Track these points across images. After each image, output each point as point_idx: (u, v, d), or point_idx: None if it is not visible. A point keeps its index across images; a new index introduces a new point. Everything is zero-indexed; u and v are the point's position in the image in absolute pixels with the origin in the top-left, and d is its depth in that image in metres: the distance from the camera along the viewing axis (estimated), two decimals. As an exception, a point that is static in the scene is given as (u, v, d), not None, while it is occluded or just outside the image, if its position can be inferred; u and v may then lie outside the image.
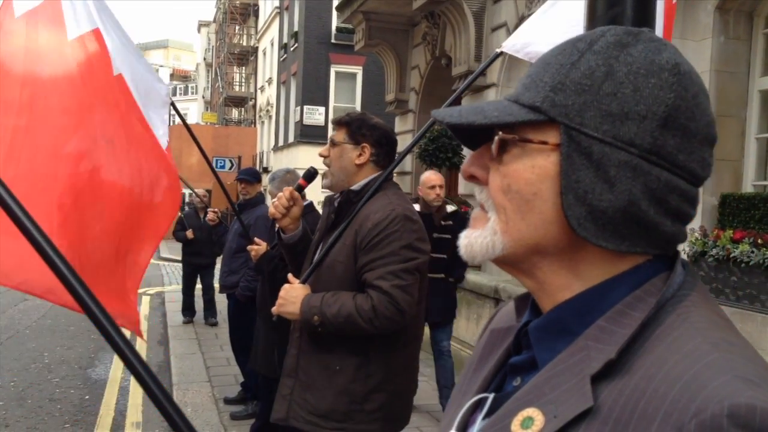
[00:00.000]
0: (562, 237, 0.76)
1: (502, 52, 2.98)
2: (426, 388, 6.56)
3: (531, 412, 0.72)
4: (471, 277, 7.16)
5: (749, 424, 0.59)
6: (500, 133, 0.77)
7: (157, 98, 3.52)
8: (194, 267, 9.97)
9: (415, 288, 2.58)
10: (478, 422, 0.82)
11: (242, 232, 6.05)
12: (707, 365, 0.64)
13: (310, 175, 2.96)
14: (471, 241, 0.81)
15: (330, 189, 2.84)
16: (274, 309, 2.70)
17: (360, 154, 2.75)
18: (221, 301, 8.55)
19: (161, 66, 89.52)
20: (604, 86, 0.74)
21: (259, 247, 4.29)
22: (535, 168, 0.76)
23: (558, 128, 0.75)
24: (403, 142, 13.19)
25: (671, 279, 0.74)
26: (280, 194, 2.86)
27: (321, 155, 2.81)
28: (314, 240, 2.90)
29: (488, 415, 0.80)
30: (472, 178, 0.83)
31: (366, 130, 2.77)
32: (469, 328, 7.21)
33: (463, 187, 10.58)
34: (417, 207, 4.85)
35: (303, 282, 2.69)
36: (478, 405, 0.85)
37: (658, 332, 0.70)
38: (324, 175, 2.83)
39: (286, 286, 2.68)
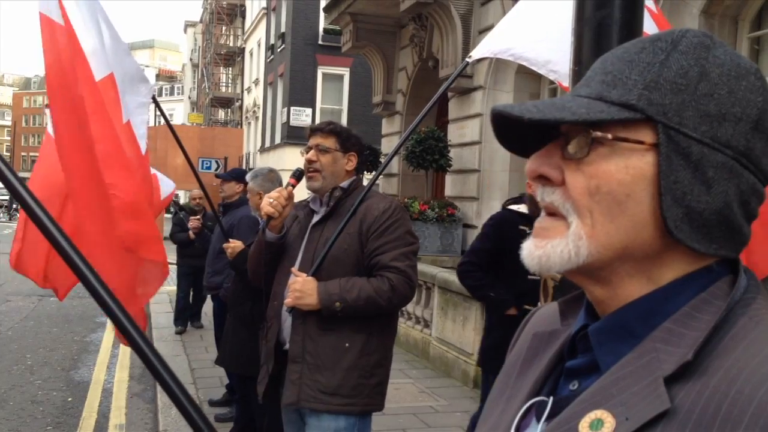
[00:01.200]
0: (652, 240, 0.74)
1: (469, 61, 3.17)
2: (411, 390, 6.56)
3: (600, 414, 0.71)
4: (457, 280, 7.16)
5: None
6: (596, 132, 0.73)
7: (138, 98, 3.54)
8: (195, 269, 8.93)
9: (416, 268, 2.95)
10: (537, 426, 0.80)
11: (226, 232, 6.02)
12: None
13: (300, 173, 3.08)
14: (546, 251, 0.76)
15: (318, 192, 3.02)
16: (288, 301, 2.83)
17: (348, 161, 3.06)
18: (206, 303, 8.55)
19: (147, 66, 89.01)
20: (700, 87, 0.72)
21: (235, 245, 4.32)
22: (629, 168, 0.73)
23: (653, 127, 0.73)
24: (389, 144, 13.20)
25: (738, 282, 0.74)
26: (276, 193, 2.95)
27: (309, 160, 2.99)
28: (296, 237, 3.06)
29: (549, 418, 0.78)
30: (540, 178, 0.78)
31: (354, 140, 3.09)
32: (455, 330, 7.21)
33: (450, 189, 10.60)
34: (523, 208, 4.31)
35: (312, 274, 2.85)
36: (529, 409, 0.83)
37: (731, 334, 0.69)
38: (312, 179, 2.99)
39: (298, 279, 2.82)
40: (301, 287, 2.79)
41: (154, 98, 3.75)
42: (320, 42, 25.31)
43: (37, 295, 12.38)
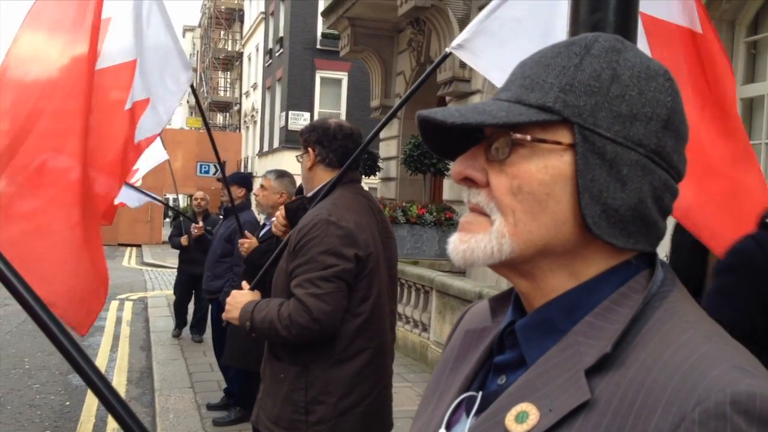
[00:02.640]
0: (572, 236, 0.77)
1: (451, 53, 2.89)
2: (409, 394, 6.56)
3: (525, 406, 0.73)
4: (456, 282, 7.17)
5: (750, 410, 0.62)
6: (515, 134, 0.76)
7: (173, 85, 3.58)
8: (189, 276, 8.77)
9: (337, 297, 2.49)
10: (466, 420, 0.82)
11: (227, 237, 6.02)
12: (703, 356, 0.67)
13: (300, 191, 3.08)
14: (471, 246, 0.79)
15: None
16: (223, 314, 2.76)
17: (308, 159, 2.78)
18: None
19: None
20: (612, 88, 0.76)
21: (251, 241, 4.31)
22: (548, 168, 0.76)
23: (569, 128, 0.76)
24: (387, 148, 13.21)
25: (655, 276, 0.77)
26: (278, 215, 2.97)
27: None
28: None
29: (478, 413, 0.81)
30: (465, 180, 0.81)
31: (307, 133, 2.79)
32: (453, 334, 7.22)
33: (447, 193, 10.61)
34: None
35: (252, 288, 2.75)
36: (459, 404, 0.86)
37: (648, 326, 0.72)
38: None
39: (234, 292, 2.75)
40: (231, 299, 2.71)
41: (192, 87, 3.76)
42: (318, 46, 25.38)
43: (35, 299, 12.36)
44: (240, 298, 2.69)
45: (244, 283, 2.81)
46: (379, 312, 2.67)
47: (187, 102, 61.16)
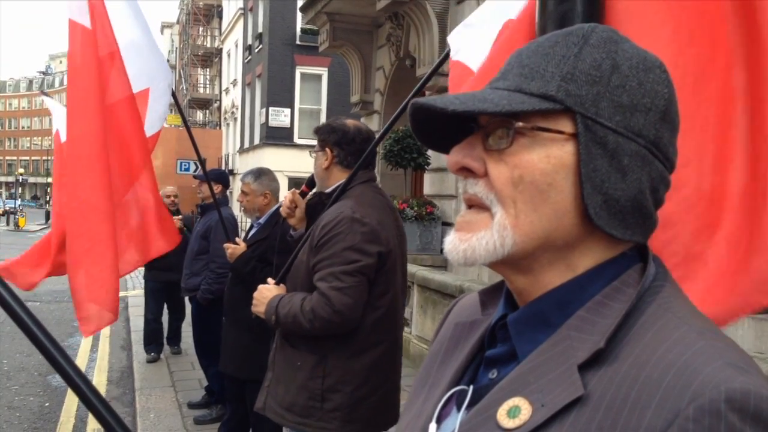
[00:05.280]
0: (573, 228, 0.76)
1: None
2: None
3: (517, 401, 0.73)
4: (436, 276, 7.18)
5: (744, 408, 0.61)
6: (518, 123, 0.75)
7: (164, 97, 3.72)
8: (163, 285, 7.77)
9: (358, 291, 2.60)
10: (457, 414, 0.81)
11: (203, 234, 5.96)
12: (698, 352, 0.66)
13: (312, 180, 3.08)
14: (472, 244, 0.77)
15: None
16: (252, 308, 2.84)
17: (325, 159, 2.86)
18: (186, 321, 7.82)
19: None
20: (613, 78, 0.75)
21: (236, 247, 4.21)
22: (550, 158, 0.75)
23: (570, 118, 0.75)
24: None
25: (648, 270, 0.76)
26: (287, 196, 3.07)
27: None
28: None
29: (469, 407, 0.80)
30: (463, 170, 0.80)
31: (326, 134, 2.87)
32: (434, 328, 7.23)
33: (428, 187, 10.62)
34: None
35: (278, 282, 2.82)
36: (450, 397, 0.85)
37: (641, 321, 0.72)
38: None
39: (260, 286, 2.83)
40: (258, 294, 2.80)
41: (173, 94, 3.88)
42: (298, 42, 25.26)
43: (13, 300, 12.23)
44: (266, 293, 2.77)
45: (270, 279, 2.88)
46: (395, 307, 2.79)
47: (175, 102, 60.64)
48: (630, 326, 0.72)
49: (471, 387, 0.82)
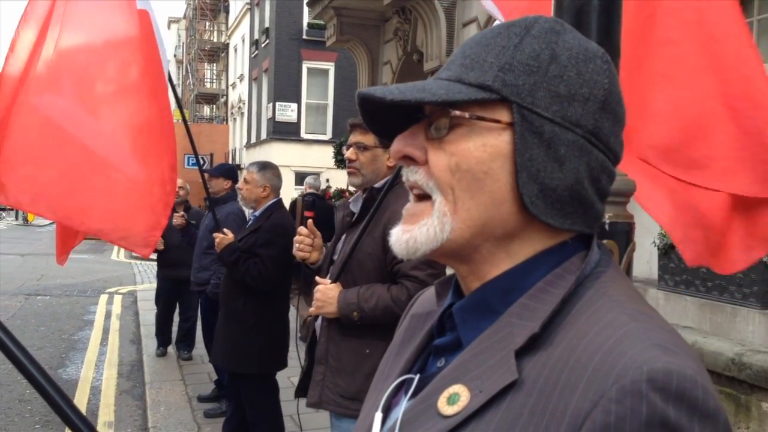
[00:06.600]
0: (511, 216, 0.77)
1: None
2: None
3: (457, 388, 0.74)
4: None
5: (666, 388, 0.62)
6: (454, 111, 0.77)
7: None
8: (172, 283, 7.67)
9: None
10: (403, 402, 0.83)
11: (213, 228, 5.97)
12: (625, 334, 0.67)
13: (312, 203, 3.12)
14: (413, 234, 0.79)
15: (358, 187, 3.01)
16: (311, 310, 2.85)
17: (389, 158, 2.87)
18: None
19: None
20: (551, 68, 0.76)
21: (224, 237, 4.31)
22: (486, 147, 0.76)
23: (508, 107, 0.76)
24: (375, 138, 13.19)
25: (589, 257, 0.78)
26: (299, 237, 3.10)
27: (348, 158, 2.94)
28: (333, 240, 3.07)
29: (414, 395, 0.81)
30: (405, 158, 0.81)
31: None
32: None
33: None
34: None
35: (334, 280, 2.84)
36: (401, 387, 0.87)
37: (578, 306, 0.73)
38: (351, 175, 2.98)
39: (320, 287, 2.83)
40: (322, 296, 2.80)
41: (169, 77, 4.03)
42: (305, 37, 25.24)
43: (23, 294, 12.32)
44: (331, 293, 2.79)
45: (318, 278, 2.90)
46: None
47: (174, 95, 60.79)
48: (567, 312, 0.73)
49: (417, 375, 0.84)
